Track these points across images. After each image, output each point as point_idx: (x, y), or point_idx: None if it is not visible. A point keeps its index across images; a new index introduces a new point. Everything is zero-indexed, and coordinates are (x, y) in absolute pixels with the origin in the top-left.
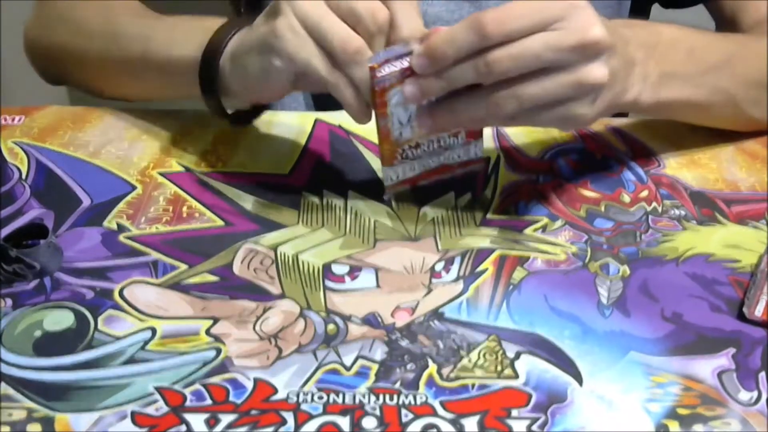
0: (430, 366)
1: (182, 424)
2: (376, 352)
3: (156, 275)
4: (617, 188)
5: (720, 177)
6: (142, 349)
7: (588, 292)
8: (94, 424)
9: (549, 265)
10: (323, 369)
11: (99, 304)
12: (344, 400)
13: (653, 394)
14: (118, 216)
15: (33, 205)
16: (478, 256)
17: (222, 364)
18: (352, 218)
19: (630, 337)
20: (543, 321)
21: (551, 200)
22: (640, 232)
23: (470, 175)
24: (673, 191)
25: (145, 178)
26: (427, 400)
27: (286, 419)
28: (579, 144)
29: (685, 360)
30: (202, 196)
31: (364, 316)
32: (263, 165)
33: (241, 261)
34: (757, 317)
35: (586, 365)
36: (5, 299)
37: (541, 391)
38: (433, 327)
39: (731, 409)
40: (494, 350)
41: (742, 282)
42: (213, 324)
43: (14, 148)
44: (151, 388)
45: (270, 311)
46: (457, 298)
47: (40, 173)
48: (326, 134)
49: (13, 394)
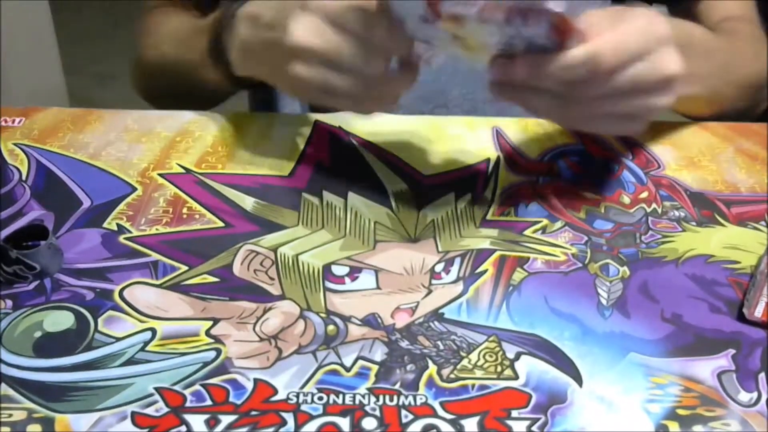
0: (430, 367)
1: (182, 425)
2: (376, 353)
3: (156, 276)
4: (617, 189)
5: (720, 178)
6: (142, 350)
7: (588, 294)
8: (94, 425)
9: (549, 266)
10: (323, 370)
11: (99, 305)
12: (344, 401)
13: (653, 395)
14: (118, 217)
15: (33, 206)
16: (478, 257)
17: (222, 365)
18: (352, 219)
19: (630, 338)
20: (543, 322)
21: (551, 201)
22: (639, 234)
23: (470, 176)
24: (673, 192)
25: (145, 180)
26: (427, 400)
27: (286, 420)
28: (579, 145)
29: (685, 361)
30: (202, 197)
31: (364, 317)
32: (263, 166)
33: (241, 262)
34: (756, 318)
35: (586, 366)
36: (5, 300)
37: (541, 391)
38: (433, 328)
39: (731, 410)
40: (494, 351)
41: (742, 283)
42: (213, 325)
43: (14, 149)
44: (151, 389)
45: (270, 312)
46: (457, 299)
47: (40, 174)
48: (326, 136)
49: (13, 395)
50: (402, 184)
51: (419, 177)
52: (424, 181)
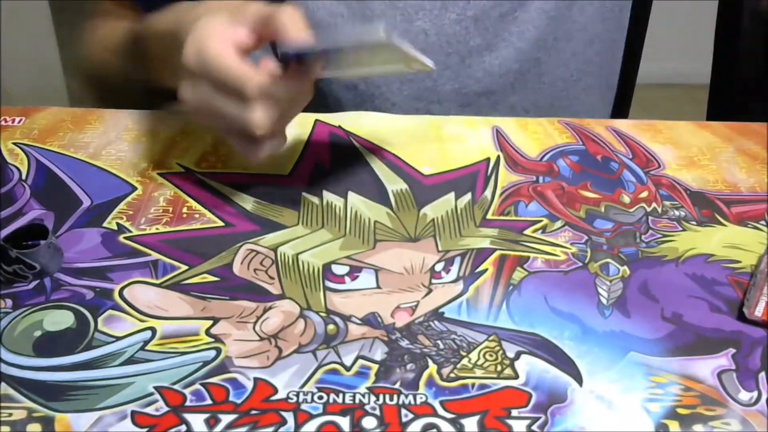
0: (430, 366)
1: (182, 424)
2: (376, 352)
3: (156, 276)
4: (617, 189)
5: (720, 178)
6: (142, 349)
7: (588, 293)
8: (94, 424)
9: (549, 265)
10: (323, 369)
11: (99, 304)
12: (344, 400)
13: (653, 395)
14: (118, 217)
15: (33, 205)
16: (478, 256)
17: (222, 364)
18: (352, 219)
19: (630, 338)
20: (543, 321)
21: (551, 201)
22: (639, 233)
23: (470, 175)
24: (673, 192)
25: (145, 179)
26: (427, 400)
27: (286, 419)
28: (579, 145)
29: (685, 360)
30: (202, 196)
31: (364, 317)
32: (263, 166)
33: (241, 261)
34: (756, 317)
35: (586, 365)
36: (5, 299)
37: (541, 391)
38: (433, 327)
39: (731, 409)
40: (494, 350)
41: (742, 282)
42: (213, 324)
43: (14, 149)
44: (151, 388)
45: (270, 311)
46: (457, 299)
47: (40, 174)
48: (326, 135)
49: (13, 394)
50: (402, 184)
51: (419, 177)
52: (424, 180)
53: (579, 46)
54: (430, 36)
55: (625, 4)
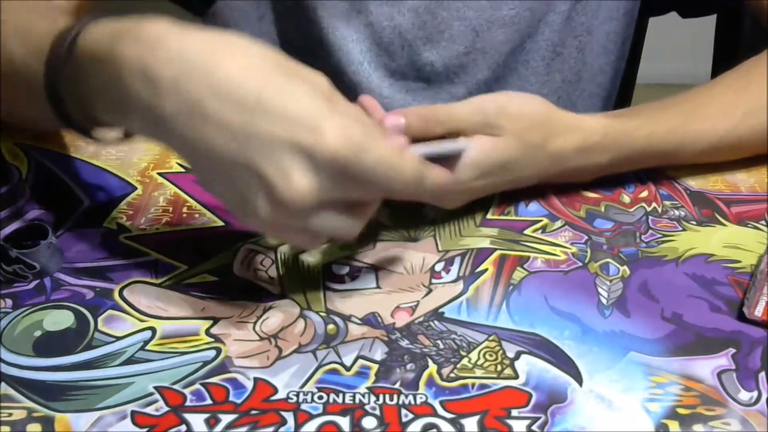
0: (430, 366)
1: (182, 424)
2: (376, 352)
3: (156, 275)
4: (617, 189)
5: (720, 178)
6: (142, 349)
7: (588, 293)
8: (93, 424)
9: (549, 265)
10: (323, 369)
11: (99, 304)
12: (344, 400)
13: (653, 394)
14: (118, 216)
15: (33, 205)
16: (478, 256)
17: (222, 364)
18: None
19: (630, 338)
20: (543, 321)
21: (551, 201)
22: (639, 233)
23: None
24: (673, 192)
25: (145, 179)
26: (427, 400)
27: (286, 419)
28: None
29: (685, 360)
30: (202, 196)
31: (364, 317)
32: None
33: (241, 261)
34: (756, 317)
35: (586, 365)
36: (5, 299)
37: (541, 391)
38: (433, 327)
39: (731, 409)
40: (494, 350)
41: (742, 282)
42: (213, 324)
43: (14, 149)
44: (151, 388)
45: (270, 311)
46: (457, 299)
47: (40, 174)
48: None
49: (13, 394)
50: None
51: None
52: None
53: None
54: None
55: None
